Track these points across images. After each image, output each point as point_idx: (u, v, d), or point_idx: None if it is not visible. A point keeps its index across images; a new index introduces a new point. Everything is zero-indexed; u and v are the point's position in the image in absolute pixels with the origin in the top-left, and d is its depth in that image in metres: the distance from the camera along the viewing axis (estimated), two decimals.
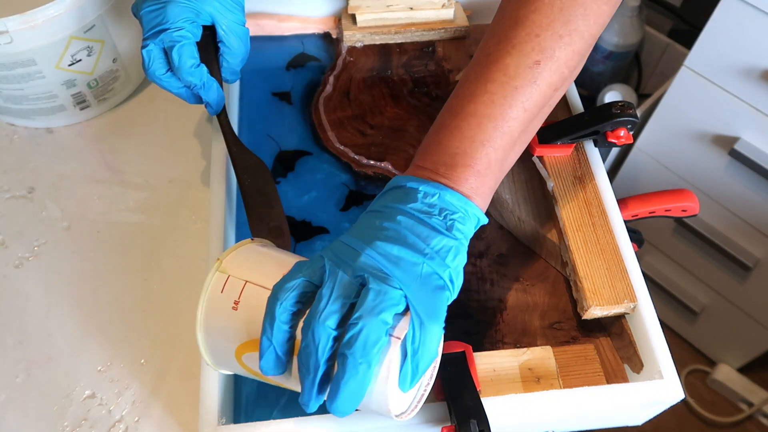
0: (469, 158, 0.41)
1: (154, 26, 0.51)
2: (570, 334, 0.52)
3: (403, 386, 0.37)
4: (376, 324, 0.35)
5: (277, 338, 0.37)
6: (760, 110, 0.97)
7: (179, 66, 0.51)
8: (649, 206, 0.65)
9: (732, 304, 1.26)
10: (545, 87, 0.42)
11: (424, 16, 0.71)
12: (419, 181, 0.40)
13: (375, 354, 0.35)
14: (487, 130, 0.41)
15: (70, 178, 0.65)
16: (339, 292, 0.36)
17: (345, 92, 0.67)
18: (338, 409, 0.36)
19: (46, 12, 0.59)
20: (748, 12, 0.89)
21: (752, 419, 1.38)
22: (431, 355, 0.36)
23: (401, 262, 0.37)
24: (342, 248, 0.38)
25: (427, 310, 0.36)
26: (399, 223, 0.38)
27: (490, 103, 0.41)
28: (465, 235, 0.40)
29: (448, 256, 0.38)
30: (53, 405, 0.52)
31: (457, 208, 0.39)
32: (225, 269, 0.41)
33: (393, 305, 0.35)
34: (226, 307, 0.40)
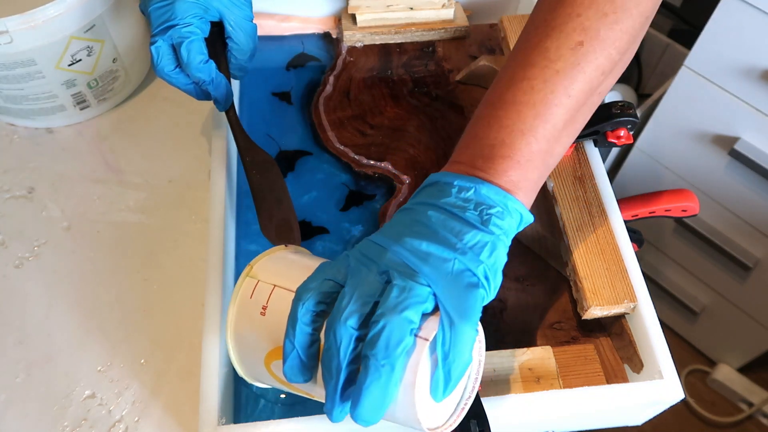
0: (507, 149, 0.37)
1: (162, 22, 0.50)
2: (570, 334, 0.52)
3: (436, 395, 0.33)
4: (399, 321, 0.32)
5: (299, 341, 0.35)
6: (760, 110, 0.97)
7: (188, 62, 0.51)
8: (649, 206, 0.65)
9: (732, 304, 1.26)
10: (591, 70, 0.38)
11: (424, 16, 0.71)
12: (454, 176, 0.37)
13: (399, 354, 0.32)
14: (528, 119, 0.38)
15: (70, 178, 0.65)
16: (362, 290, 0.34)
17: (345, 92, 0.67)
18: (362, 417, 0.32)
19: (46, 12, 0.59)
20: (748, 12, 0.89)
21: (752, 419, 1.38)
22: (464, 359, 0.33)
23: (430, 258, 0.34)
24: (369, 246, 0.36)
25: (458, 309, 0.33)
26: (429, 219, 0.36)
27: (529, 89, 0.38)
28: (505, 231, 0.36)
29: (483, 251, 0.35)
30: (53, 405, 0.52)
31: (495, 202, 0.36)
32: (255, 274, 0.40)
33: (419, 302, 0.33)
34: (255, 312, 0.38)
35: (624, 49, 0.40)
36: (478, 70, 0.66)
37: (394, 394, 0.32)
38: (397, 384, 0.32)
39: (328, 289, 0.35)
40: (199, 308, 0.55)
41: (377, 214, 0.58)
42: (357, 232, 0.58)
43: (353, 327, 0.33)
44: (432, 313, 0.34)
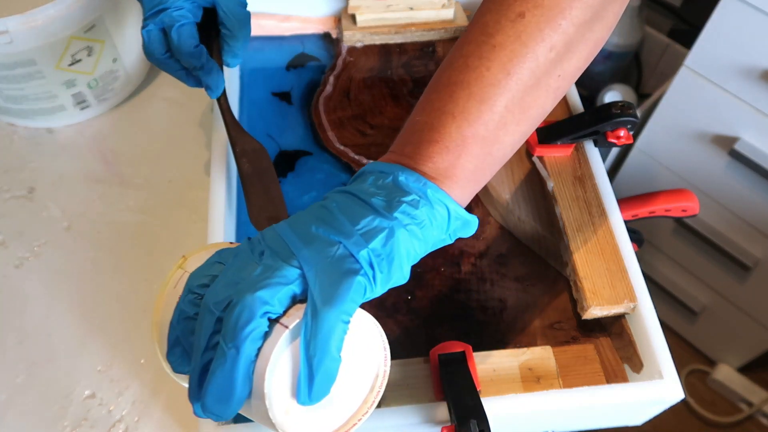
0: (435, 133, 0.34)
1: (153, 6, 0.50)
2: (570, 334, 0.52)
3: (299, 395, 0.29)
4: (251, 301, 0.29)
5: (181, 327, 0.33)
6: (760, 110, 0.97)
7: (178, 46, 0.50)
8: (649, 206, 0.65)
9: (732, 304, 1.26)
10: (536, 46, 0.33)
11: (424, 16, 0.71)
12: (378, 164, 0.35)
13: (245, 337, 0.28)
14: (460, 100, 0.33)
15: (70, 178, 0.65)
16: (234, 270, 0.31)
17: (345, 92, 0.67)
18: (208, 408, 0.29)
19: (46, 12, 0.59)
20: (748, 12, 0.89)
21: (752, 419, 1.38)
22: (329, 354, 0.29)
23: (315, 241, 0.31)
24: (267, 231, 0.34)
25: (326, 295, 0.29)
26: (333, 202, 0.33)
27: (464, 67, 0.34)
28: (417, 221, 0.32)
29: (376, 238, 0.31)
30: (53, 405, 0.52)
31: (412, 189, 0.32)
32: (185, 266, 0.38)
33: (281, 283, 0.29)
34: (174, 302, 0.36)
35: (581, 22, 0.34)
36: None
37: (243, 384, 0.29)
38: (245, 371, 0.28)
39: (215, 272, 0.33)
40: None
41: None
42: None
43: (217, 309, 0.30)
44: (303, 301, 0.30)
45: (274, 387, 0.28)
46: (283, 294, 0.29)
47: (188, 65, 0.51)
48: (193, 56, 0.51)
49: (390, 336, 0.52)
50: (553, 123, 0.57)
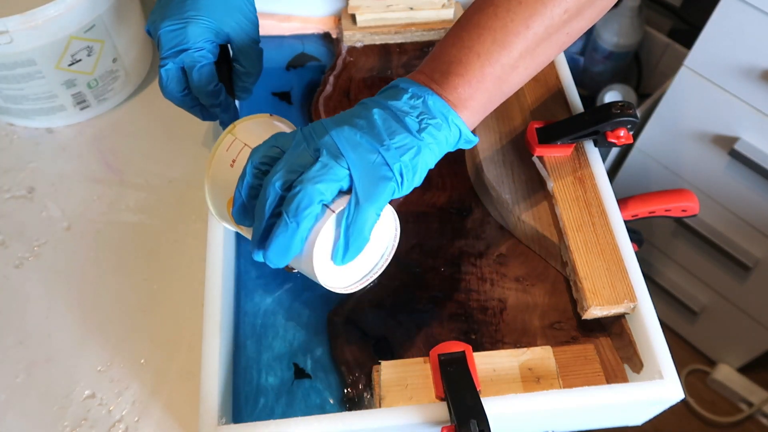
0: (462, 67, 0.41)
1: (174, 45, 0.50)
2: (570, 334, 0.52)
3: (335, 258, 0.40)
4: (312, 191, 0.38)
5: (244, 191, 0.42)
6: (760, 110, 0.97)
7: (199, 86, 0.51)
8: (649, 206, 0.65)
9: (732, 304, 1.26)
10: (554, 6, 0.41)
11: (424, 16, 0.71)
12: (411, 83, 0.42)
13: (305, 216, 0.38)
14: (486, 42, 0.41)
15: (70, 178, 0.65)
16: (294, 159, 0.40)
17: (345, 92, 0.67)
18: (269, 258, 0.40)
19: (46, 12, 0.59)
20: (748, 12, 0.89)
21: (752, 419, 1.38)
22: (362, 235, 0.39)
23: (359, 147, 0.39)
24: (317, 126, 0.42)
25: (366, 192, 0.38)
26: (373, 115, 0.41)
27: (493, 15, 0.41)
28: (437, 140, 0.40)
29: (407, 153, 0.40)
30: (53, 405, 0.52)
31: (437, 113, 0.41)
32: (235, 133, 0.47)
33: (334, 180, 0.38)
34: (226, 164, 0.46)
35: None
36: None
37: (298, 247, 0.39)
38: (301, 239, 0.39)
39: (273, 154, 0.42)
40: (199, 308, 0.55)
41: None
42: None
43: (279, 187, 0.39)
44: (347, 192, 0.40)
45: (318, 250, 0.39)
46: (334, 187, 0.39)
47: (206, 103, 0.53)
48: (212, 95, 0.52)
49: (390, 336, 0.52)
50: (553, 123, 0.57)
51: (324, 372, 0.50)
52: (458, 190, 0.60)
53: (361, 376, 0.50)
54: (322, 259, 0.40)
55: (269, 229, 0.40)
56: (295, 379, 0.50)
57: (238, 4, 0.53)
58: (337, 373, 0.50)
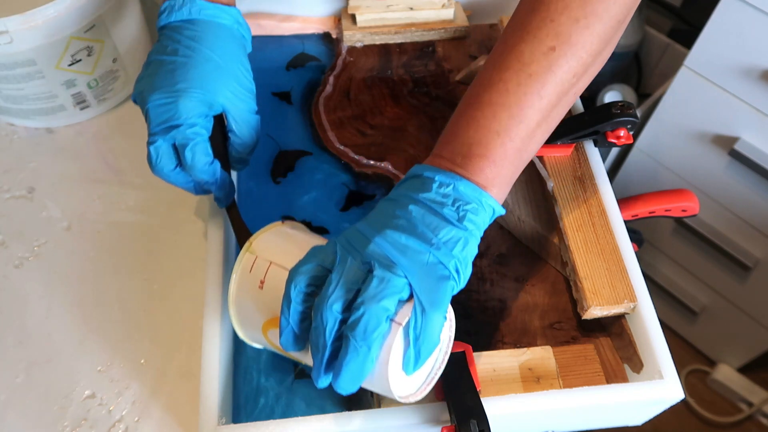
0: (483, 148, 0.40)
1: (164, 121, 0.47)
2: (570, 334, 0.52)
3: (407, 370, 0.38)
4: (377, 310, 0.36)
5: (293, 318, 0.39)
6: (760, 110, 0.97)
7: (192, 164, 0.47)
8: (649, 206, 0.65)
9: (732, 304, 1.26)
10: (563, 73, 0.41)
11: (424, 16, 0.71)
12: (435, 171, 0.41)
13: (375, 338, 0.36)
14: (503, 120, 0.41)
15: (70, 178, 0.65)
16: (347, 277, 0.38)
17: (345, 92, 0.67)
18: (340, 387, 0.37)
19: (46, 12, 0.59)
20: (748, 12, 0.89)
21: (752, 419, 1.38)
22: (433, 342, 0.37)
23: (408, 251, 0.38)
24: (354, 235, 0.40)
25: (429, 298, 0.37)
26: (410, 213, 0.39)
27: (504, 91, 0.41)
28: (477, 226, 0.40)
29: (456, 246, 0.38)
30: (53, 405, 0.52)
31: (471, 198, 0.40)
32: (254, 250, 0.44)
33: (395, 292, 0.37)
34: (254, 286, 0.43)
35: (596, 52, 0.42)
36: (478, 70, 0.66)
37: (370, 369, 0.37)
38: (373, 361, 0.37)
39: (317, 273, 0.39)
40: (199, 308, 0.55)
41: None
42: None
43: (338, 311, 0.37)
44: (407, 299, 0.38)
45: (391, 367, 0.37)
46: (396, 300, 0.37)
47: (200, 181, 0.49)
48: (207, 173, 0.48)
49: None
50: None
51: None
52: None
53: None
54: (395, 374, 0.38)
55: (334, 354, 0.38)
56: (295, 379, 0.50)
57: (233, 71, 0.50)
58: None
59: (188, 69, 0.48)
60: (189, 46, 0.49)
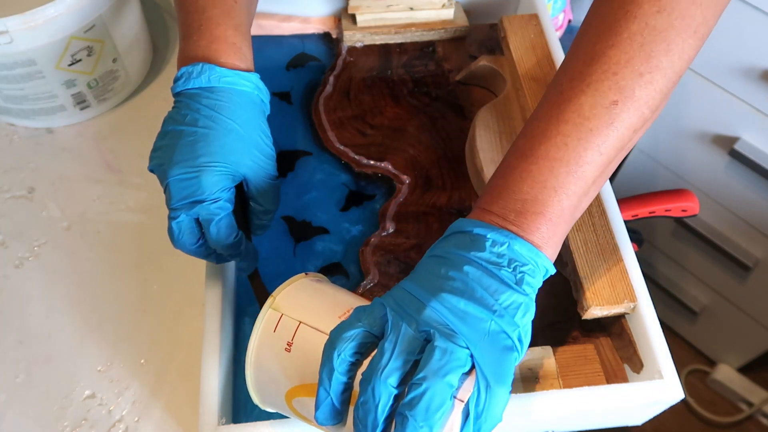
0: (540, 205, 0.38)
1: (185, 196, 0.45)
2: (570, 334, 0.52)
3: None
4: (442, 387, 0.33)
5: (335, 390, 0.35)
6: (760, 110, 0.97)
7: (217, 240, 0.46)
8: (649, 206, 0.65)
9: (732, 304, 1.26)
10: (623, 129, 0.38)
11: (424, 16, 0.71)
12: (487, 228, 0.37)
13: (438, 419, 0.33)
14: (560, 176, 0.38)
15: (70, 178, 0.65)
16: (402, 347, 0.34)
17: (345, 92, 0.67)
18: None
19: (46, 12, 0.59)
20: (748, 12, 0.89)
21: (752, 419, 1.38)
22: (496, 419, 0.34)
23: (468, 318, 0.35)
24: (405, 297, 0.37)
25: (494, 372, 0.34)
26: (466, 274, 0.36)
27: (563, 146, 0.38)
28: (533, 288, 0.37)
29: (518, 313, 0.36)
30: (53, 405, 0.52)
31: (527, 259, 0.37)
32: (278, 307, 0.40)
33: (459, 366, 0.34)
34: (279, 347, 0.39)
35: (656, 107, 0.40)
36: (478, 70, 0.66)
37: None
38: None
39: (365, 339, 0.36)
40: (199, 308, 0.55)
41: (377, 214, 0.58)
42: (357, 232, 0.58)
43: (393, 385, 0.34)
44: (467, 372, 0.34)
45: None
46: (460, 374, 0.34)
47: (225, 254, 0.48)
48: (233, 247, 0.47)
49: None
50: None
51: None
52: (458, 190, 0.60)
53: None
54: None
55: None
56: None
57: (255, 140, 0.48)
58: None
59: (210, 141, 0.46)
60: (209, 116, 0.47)
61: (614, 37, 0.38)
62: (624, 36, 0.38)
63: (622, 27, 0.38)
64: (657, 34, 0.38)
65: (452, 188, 0.60)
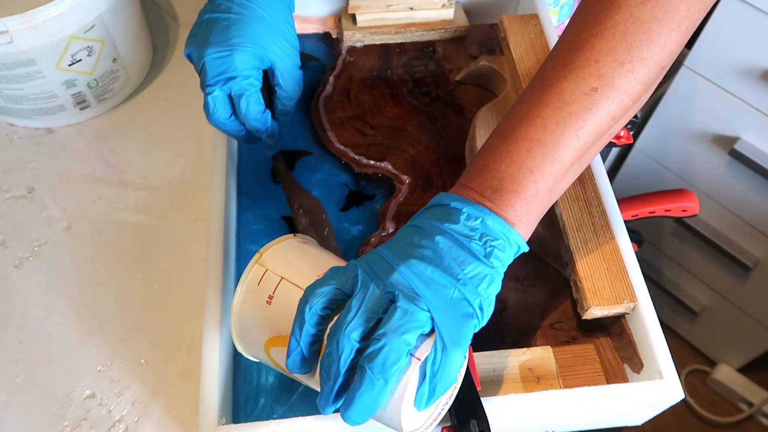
0: (516, 184, 0.39)
1: (220, 72, 0.51)
2: (570, 334, 0.52)
3: (419, 406, 0.37)
4: (399, 343, 0.35)
5: (304, 340, 0.38)
6: (760, 110, 0.97)
7: (246, 113, 0.52)
8: (649, 206, 0.65)
9: (732, 304, 1.26)
10: (602, 116, 0.40)
11: (424, 16, 0.71)
12: (463, 202, 0.39)
13: (393, 372, 0.35)
14: (537, 157, 0.39)
15: (70, 178, 0.65)
16: (368, 305, 0.37)
17: (345, 92, 0.67)
18: (350, 419, 0.36)
19: (46, 12, 0.59)
20: (748, 12, 0.89)
21: (752, 419, 1.38)
22: (450, 380, 0.36)
23: (433, 284, 0.37)
24: (377, 261, 0.39)
25: (451, 336, 0.36)
26: (437, 244, 0.38)
27: (542, 128, 0.39)
28: (503, 263, 0.39)
29: (482, 283, 0.37)
30: (53, 405, 0.52)
31: (499, 234, 0.38)
32: (264, 263, 0.43)
33: (418, 327, 0.36)
34: (261, 300, 0.42)
35: (636, 97, 0.41)
36: (478, 70, 0.66)
37: (383, 403, 0.36)
38: (387, 395, 0.35)
39: (335, 296, 0.38)
40: (199, 308, 0.55)
41: (377, 214, 0.58)
42: (357, 232, 0.58)
43: (356, 339, 0.36)
44: (428, 334, 0.36)
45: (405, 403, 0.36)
46: (417, 334, 0.36)
47: (253, 129, 0.53)
48: (260, 121, 0.53)
49: None
50: None
51: None
52: None
53: None
54: (407, 409, 0.37)
55: (344, 384, 0.37)
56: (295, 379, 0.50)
57: (281, 29, 0.54)
58: None
59: (242, 26, 0.51)
60: (241, 4, 0.52)
61: (598, 26, 0.39)
62: (608, 26, 0.39)
63: (607, 17, 0.39)
64: (640, 25, 0.39)
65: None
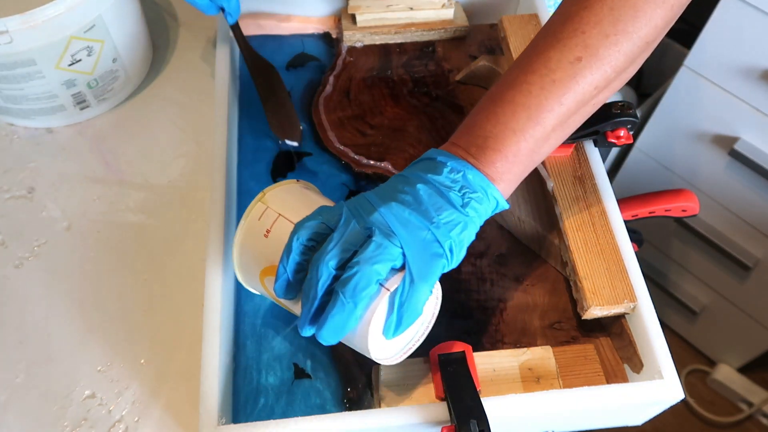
0: (499, 143, 0.42)
1: None
2: (570, 334, 0.52)
3: (387, 333, 0.41)
4: (370, 272, 0.38)
5: (290, 267, 0.42)
6: (760, 110, 0.97)
7: None
8: (649, 206, 0.65)
9: (732, 304, 1.26)
10: (585, 84, 0.42)
11: (424, 16, 0.71)
12: (449, 157, 0.42)
13: (362, 297, 0.38)
14: (521, 119, 0.42)
15: (70, 178, 0.65)
16: (347, 238, 0.40)
17: (345, 92, 0.67)
18: (323, 337, 0.40)
19: (46, 12, 0.59)
20: (748, 12, 0.89)
21: (752, 419, 1.38)
22: (416, 311, 0.40)
23: (409, 225, 0.40)
24: (362, 202, 0.42)
25: (420, 271, 0.39)
26: (418, 191, 0.41)
27: (527, 93, 0.42)
28: (479, 214, 0.41)
29: (455, 229, 0.40)
30: (53, 405, 0.52)
31: (478, 187, 0.41)
32: (266, 201, 0.47)
33: (389, 259, 0.39)
34: (260, 233, 0.46)
35: (620, 69, 0.43)
36: (478, 70, 0.66)
37: (353, 326, 0.39)
38: (357, 319, 0.39)
39: (320, 230, 0.42)
40: (199, 308, 0.55)
41: None
42: None
43: (333, 267, 0.40)
44: (400, 269, 0.40)
45: (372, 328, 0.40)
46: (388, 266, 0.39)
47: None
48: None
49: None
50: None
51: (324, 372, 0.50)
52: None
53: (361, 376, 0.50)
54: (375, 335, 0.41)
55: (321, 307, 0.40)
56: (295, 379, 0.50)
57: None
58: (337, 373, 0.50)
59: None
60: None
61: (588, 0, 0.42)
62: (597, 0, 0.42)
63: None
64: (626, 0, 0.41)
65: None
